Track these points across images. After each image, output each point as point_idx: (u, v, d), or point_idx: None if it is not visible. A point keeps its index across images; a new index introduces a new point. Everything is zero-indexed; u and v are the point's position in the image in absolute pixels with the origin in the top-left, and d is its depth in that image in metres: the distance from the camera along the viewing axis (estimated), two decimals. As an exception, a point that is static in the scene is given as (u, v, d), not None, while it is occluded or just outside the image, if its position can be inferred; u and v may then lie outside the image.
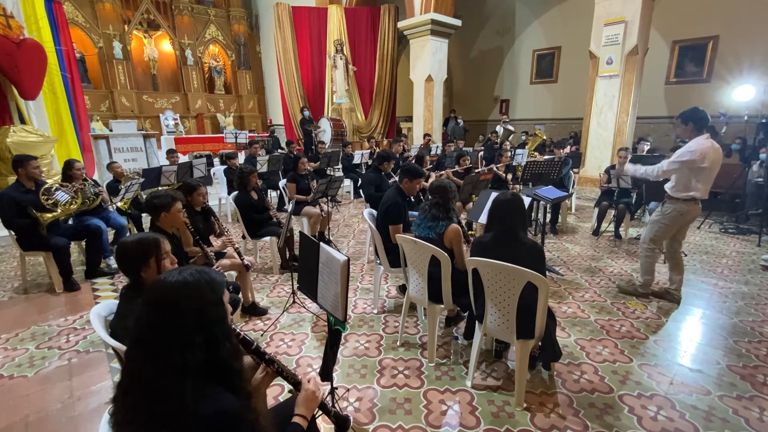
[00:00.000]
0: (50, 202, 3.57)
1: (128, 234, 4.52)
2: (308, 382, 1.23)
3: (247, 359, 1.30)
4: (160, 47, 13.72)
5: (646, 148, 6.29)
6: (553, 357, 2.26)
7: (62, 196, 3.66)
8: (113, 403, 0.92)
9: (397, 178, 3.59)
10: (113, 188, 4.59)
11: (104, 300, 3.48)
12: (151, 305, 0.92)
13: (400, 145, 7.58)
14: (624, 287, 3.56)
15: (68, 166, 4.00)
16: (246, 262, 2.98)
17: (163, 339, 0.89)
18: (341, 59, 11.04)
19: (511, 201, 2.18)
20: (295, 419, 1.15)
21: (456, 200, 2.87)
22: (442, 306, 2.50)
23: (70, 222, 4.03)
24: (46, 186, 3.64)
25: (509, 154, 6.25)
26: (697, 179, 3.02)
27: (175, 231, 2.60)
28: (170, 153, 6.33)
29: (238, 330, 1.09)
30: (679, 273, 3.37)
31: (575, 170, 7.02)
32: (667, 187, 3.20)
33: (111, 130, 8.64)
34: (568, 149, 6.63)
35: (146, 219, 5.10)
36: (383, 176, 4.73)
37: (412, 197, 3.39)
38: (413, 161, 5.73)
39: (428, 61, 10.15)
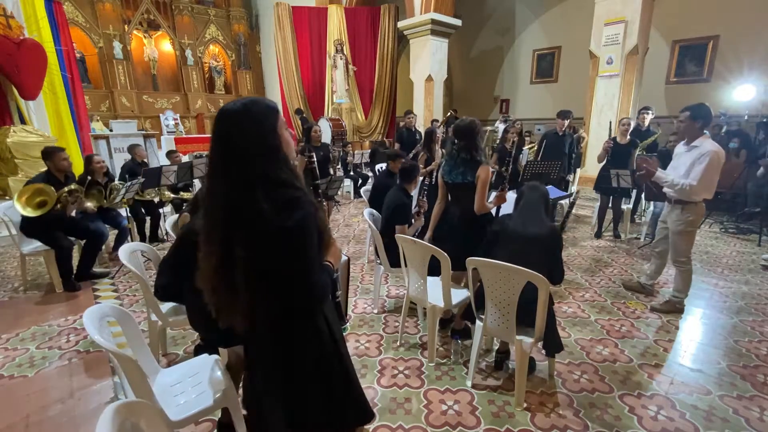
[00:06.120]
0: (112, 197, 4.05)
1: (128, 235, 4.53)
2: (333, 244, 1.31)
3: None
4: (160, 47, 13.71)
5: (649, 117, 5.59)
6: (556, 348, 2.23)
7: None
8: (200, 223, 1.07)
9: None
10: (133, 170, 4.71)
11: (104, 300, 3.49)
12: (217, 132, 1.04)
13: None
14: (658, 308, 3.24)
15: (88, 160, 4.11)
16: None
17: (230, 160, 1.01)
18: (341, 59, 11.03)
19: (542, 189, 2.32)
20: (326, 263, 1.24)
21: (484, 139, 2.88)
22: (442, 306, 2.50)
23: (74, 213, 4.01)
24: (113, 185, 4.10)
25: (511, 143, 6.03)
26: (715, 179, 2.90)
27: None
28: (171, 153, 6.33)
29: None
30: (659, 273, 3.50)
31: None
32: (684, 192, 2.92)
33: (111, 130, 8.65)
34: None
35: (148, 220, 5.11)
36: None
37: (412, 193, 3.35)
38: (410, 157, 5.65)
39: (428, 61, 10.15)
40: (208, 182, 1.07)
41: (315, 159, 1.64)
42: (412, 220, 3.15)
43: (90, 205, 3.90)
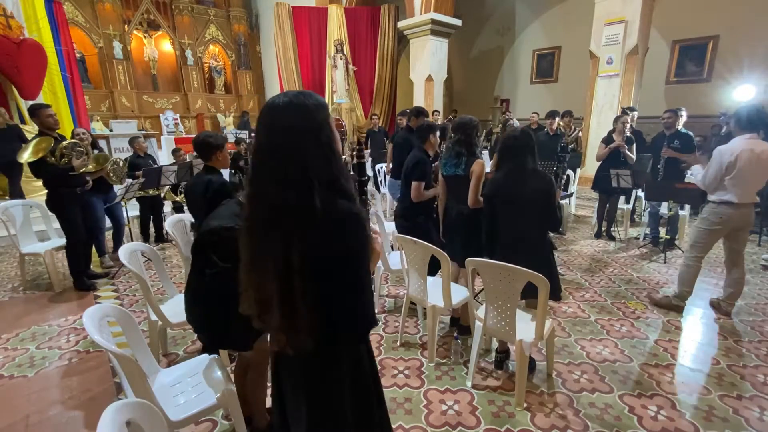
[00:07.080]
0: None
1: (123, 232, 4.55)
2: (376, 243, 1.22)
3: None
4: (160, 47, 13.70)
5: (634, 116, 5.62)
6: (557, 293, 2.28)
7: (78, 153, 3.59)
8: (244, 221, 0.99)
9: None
10: (135, 164, 4.72)
11: (104, 300, 3.49)
12: (267, 128, 0.96)
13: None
14: (658, 300, 3.28)
15: (72, 135, 4.07)
16: None
17: (282, 155, 0.93)
18: (341, 59, 11.03)
19: (521, 135, 2.26)
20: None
21: (481, 135, 2.90)
22: (442, 305, 2.50)
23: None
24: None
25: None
26: (729, 180, 2.78)
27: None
28: (176, 152, 6.34)
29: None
30: (733, 285, 3.11)
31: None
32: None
33: (111, 130, 8.66)
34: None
35: (150, 222, 5.12)
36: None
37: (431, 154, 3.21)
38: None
39: (428, 61, 10.14)
40: (252, 184, 0.98)
41: (363, 152, 1.57)
42: (433, 183, 3.06)
43: (92, 166, 3.73)
